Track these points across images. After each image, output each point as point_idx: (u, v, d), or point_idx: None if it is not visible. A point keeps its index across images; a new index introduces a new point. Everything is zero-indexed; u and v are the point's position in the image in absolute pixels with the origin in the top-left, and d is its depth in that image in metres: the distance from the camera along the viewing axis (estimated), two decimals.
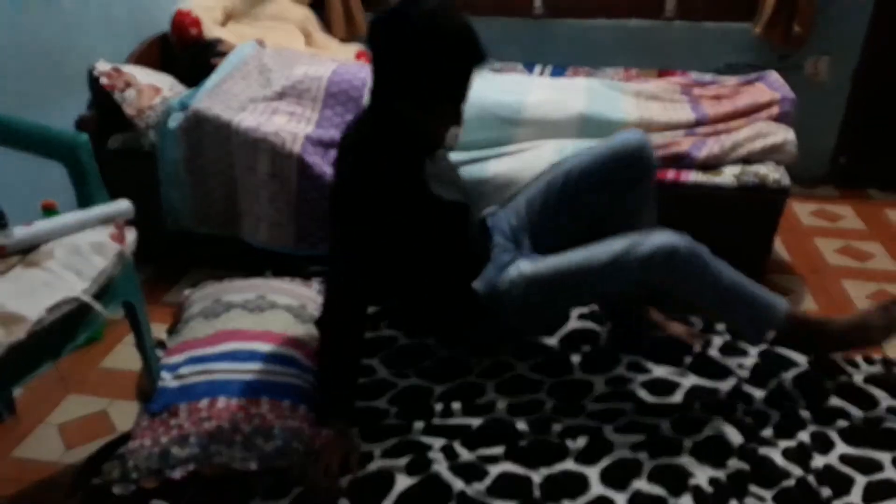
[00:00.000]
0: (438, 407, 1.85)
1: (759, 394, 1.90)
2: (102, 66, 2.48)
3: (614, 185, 1.91)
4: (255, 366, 1.80)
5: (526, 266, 1.82)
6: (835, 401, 1.88)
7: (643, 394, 1.90)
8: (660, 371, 1.98)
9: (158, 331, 2.08)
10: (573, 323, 2.16)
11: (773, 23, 2.98)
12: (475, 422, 1.81)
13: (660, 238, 1.69)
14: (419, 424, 1.79)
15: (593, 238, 1.78)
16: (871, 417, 1.83)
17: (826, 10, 2.99)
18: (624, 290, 1.88)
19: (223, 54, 2.67)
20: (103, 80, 2.44)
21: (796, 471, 1.64)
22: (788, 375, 1.95)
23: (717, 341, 2.11)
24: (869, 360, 2.07)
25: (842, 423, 1.81)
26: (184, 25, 2.78)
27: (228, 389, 1.74)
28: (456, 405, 1.85)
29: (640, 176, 1.92)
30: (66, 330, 1.52)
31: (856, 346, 1.89)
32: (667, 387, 1.92)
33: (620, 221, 1.88)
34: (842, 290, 2.47)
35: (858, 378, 1.97)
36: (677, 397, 1.89)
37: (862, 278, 2.54)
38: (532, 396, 1.91)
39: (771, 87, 2.53)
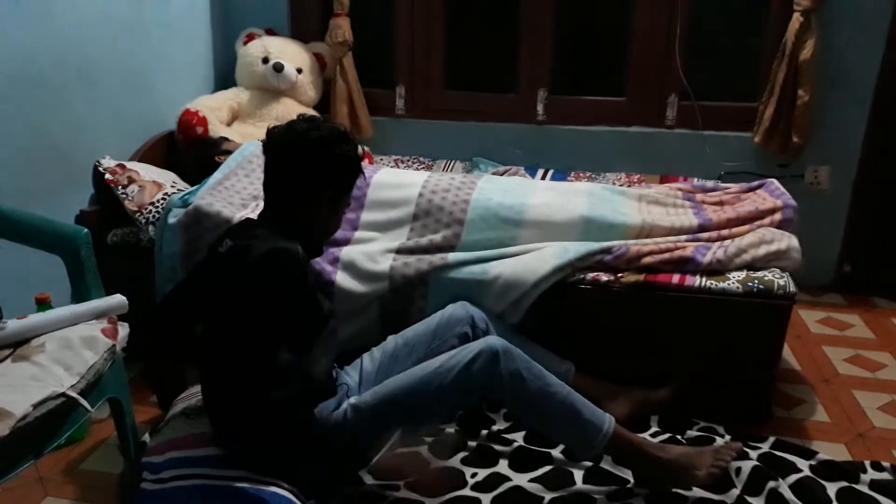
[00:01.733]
0: None
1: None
2: (107, 163, 2.52)
3: (441, 346, 1.98)
4: (239, 472, 1.72)
5: (353, 400, 1.79)
6: None
7: None
8: None
9: (143, 432, 2.00)
10: None
11: (771, 133, 3.04)
12: None
13: (477, 344, 1.76)
14: None
15: None
16: None
17: (823, 122, 3.05)
18: (458, 404, 1.93)
19: (228, 152, 2.71)
20: (107, 176, 2.47)
21: None
22: (788, 481, 1.89)
23: (718, 442, 2.06)
24: (877, 467, 2.01)
25: None
26: (190, 125, 2.84)
27: (209, 498, 1.65)
28: None
29: (468, 339, 2.00)
30: (51, 427, 1.49)
31: (677, 485, 1.83)
32: (673, 500, 1.83)
33: None
34: (854, 401, 2.41)
35: (863, 485, 1.92)
36: None
37: (874, 389, 2.48)
38: None
39: (772, 194, 2.55)
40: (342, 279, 2.26)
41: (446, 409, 1.95)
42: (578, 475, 1.94)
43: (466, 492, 1.89)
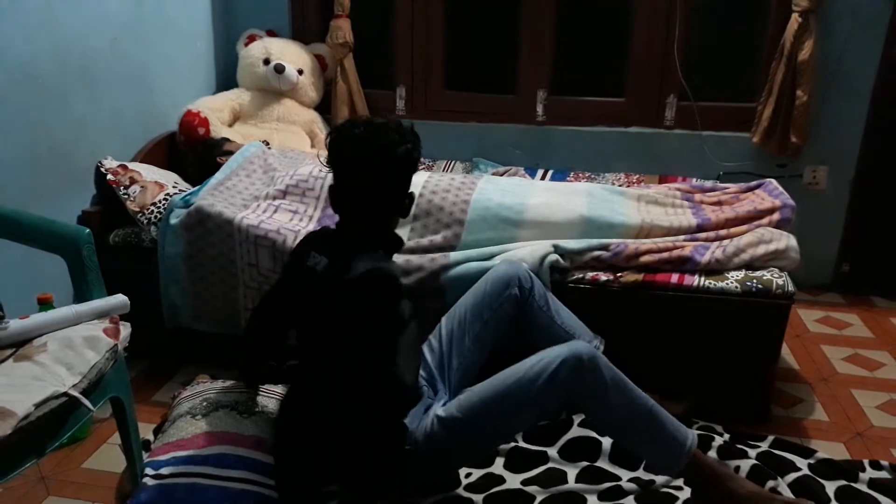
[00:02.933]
0: None
1: None
2: (109, 163, 2.52)
3: (495, 314, 1.99)
4: (240, 474, 1.72)
5: (440, 411, 1.73)
6: None
7: None
8: (660, 479, 1.90)
9: (145, 431, 2.01)
10: (575, 431, 2.08)
11: (770, 133, 3.04)
12: None
13: (561, 350, 1.68)
14: None
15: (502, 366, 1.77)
16: None
17: (821, 122, 3.06)
18: (542, 415, 1.87)
19: (229, 153, 2.72)
20: (109, 177, 2.47)
21: None
22: (787, 480, 1.89)
23: (717, 441, 2.06)
24: (876, 465, 2.01)
25: None
26: (192, 125, 2.85)
27: (208, 498, 1.65)
28: None
29: (518, 301, 2.01)
30: (53, 426, 1.47)
31: None
32: (666, 500, 1.83)
33: (521, 344, 1.88)
34: (852, 400, 2.41)
35: (862, 483, 1.92)
36: None
37: (872, 388, 2.48)
38: None
39: (771, 194, 2.55)
40: None
41: (531, 420, 1.89)
42: (571, 474, 1.94)
43: (460, 492, 1.89)
